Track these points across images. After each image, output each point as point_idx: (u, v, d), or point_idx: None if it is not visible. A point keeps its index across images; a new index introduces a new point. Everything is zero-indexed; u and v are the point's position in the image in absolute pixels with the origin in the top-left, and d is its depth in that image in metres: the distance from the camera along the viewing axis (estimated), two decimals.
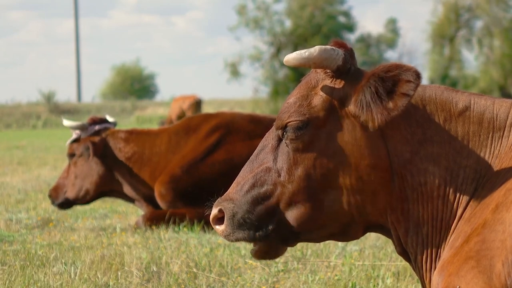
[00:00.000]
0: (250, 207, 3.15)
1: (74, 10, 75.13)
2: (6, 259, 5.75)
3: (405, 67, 3.02)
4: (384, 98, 3.01)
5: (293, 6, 45.61)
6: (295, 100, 3.18)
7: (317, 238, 3.27)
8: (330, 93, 3.14)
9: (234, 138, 7.57)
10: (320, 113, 3.13)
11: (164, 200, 7.49)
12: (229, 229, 3.16)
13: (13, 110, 48.85)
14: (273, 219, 3.15)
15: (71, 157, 7.85)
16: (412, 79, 2.99)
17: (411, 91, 2.99)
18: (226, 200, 3.20)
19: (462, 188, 3.08)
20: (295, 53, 3.10)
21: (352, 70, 3.14)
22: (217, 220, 3.21)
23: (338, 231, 3.21)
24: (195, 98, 24.15)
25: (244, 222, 3.14)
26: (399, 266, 5.20)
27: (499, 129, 3.10)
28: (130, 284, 4.97)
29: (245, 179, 3.20)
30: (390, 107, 3.00)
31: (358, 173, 3.08)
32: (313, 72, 3.23)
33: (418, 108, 3.12)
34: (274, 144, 3.20)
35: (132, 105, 51.99)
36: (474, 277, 2.78)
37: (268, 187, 3.16)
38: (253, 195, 3.16)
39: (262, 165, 3.19)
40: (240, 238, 3.17)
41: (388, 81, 3.02)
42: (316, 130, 3.12)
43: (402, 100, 2.99)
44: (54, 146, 23.92)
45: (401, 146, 3.10)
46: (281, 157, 3.16)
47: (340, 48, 3.14)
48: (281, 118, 3.17)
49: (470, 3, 46.39)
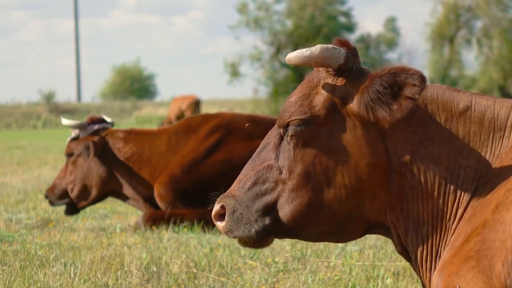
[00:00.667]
0: (251, 203, 3.17)
1: (74, 10, 75.24)
2: (6, 259, 5.75)
3: (411, 71, 3.03)
4: (389, 100, 3.02)
5: (294, 6, 45.61)
6: (296, 99, 3.19)
7: (311, 236, 3.27)
8: (332, 92, 3.14)
9: (234, 138, 7.57)
10: (321, 111, 3.14)
11: (163, 201, 7.49)
12: (230, 225, 3.18)
13: (13, 110, 48.86)
14: (271, 215, 3.16)
15: (69, 156, 7.83)
16: (418, 83, 3.01)
17: (416, 95, 3.00)
18: (228, 196, 3.22)
19: (463, 188, 3.08)
20: (296, 51, 3.11)
21: (354, 69, 3.15)
22: (219, 216, 3.23)
23: (334, 230, 3.21)
24: (193, 98, 24.18)
25: (243, 219, 3.16)
26: (399, 266, 5.20)
27: (500, 129, 3.10)
28: (130, 284, 4.96)
29: (247, 177, 3.22)
30: (394, 109, 3.01)
31: (358, 171, 3.09)
32: (315, 71, 3.24)
33: (419, 108, 3.13)
34: (276, 142, 3.21)
35: (132, 105, 51.99)
36: (474, 277, 2.78)
37: (270, 184, 3.18)
38: (254, 192, 3.18)
39: (264, 163, 3.21)
40: (239, 235, 3.18)
41: (393, 83, 3.03)
42: (317, 129, 3.13)
43: (406, 103, 3.01)
44: (54, 146, 23.92)
45: (402, 145, 3.10)
46: (283, 155, 3.18)
47: (343, 47, 3.15)
48: (283, 116, 3.19)
49: (469, 4, 46.41)
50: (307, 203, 3.13)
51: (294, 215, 3.14)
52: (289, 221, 3.16)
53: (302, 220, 3.16)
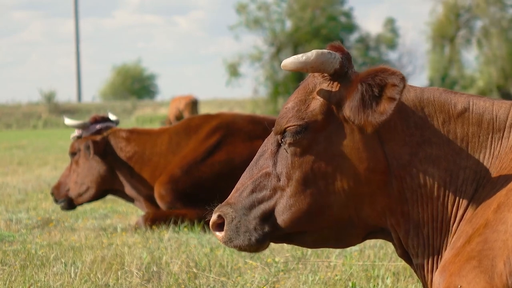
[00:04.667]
0: (249, 212, 3.16)
1: (74, 11, 75.20)
2: (6, 259, 5.75)
3: (390, 71, 3.03)
4: (373, 103, 3.02)
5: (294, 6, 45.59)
6: (293, 105, 3.18)
7: (310, 241, 3.26)
8: (328, 97, 3.14)
9: (235, 139, 7.57)
10: (318, 117, 3.13)
11: (163, 201, 7.49)
12: (229, 234, 3.17)
13: (13, 110, 48.89)
14: (270, 222, 3.15)
15: (73, 155, 7.88)
16: (397, 82, 3.00)
17: (396, 95, 2.99)
18: (225, 206, 3.20)
19: (462, 189, 3.08)
20: (292, 57, 3.11)
21: (349, 73, 3.15)
22: (216, 226, 3.21)
23: (335, 235, 3.21)
24: (191, 98, 24.22)
25: (241, 227, 3.15)
26: (399, 266, 5.20)
27: (498, 130, 3.10)
28: (130, 284, 4.97)
29: (245, 185, 3.21)
30: (378, 111, 3.01)
31: (357, 176, 3.09)
32: (310, 76, 3.23)
33: (416, 110, 3.13)
34: (273, 149, 3.20)
35: (133, 105, 52.00)
36: (475, 277, 2.78)
37: (268, 192, 3.17)
38: (252, 200, 3.17)
39: (261, 171, 3.20)
40: (238, 244, 3.17)
41: (374, 85, 3.03)
42: (314, 134, 3.12)
43: (389, 104, 3.00)
44: (55, 146, 23.93)
45: (399, 148, 3.10)
46: (281, 162, 3.17)
47: (337, 51, 3.15)
48: (280, 123, 3.17)
49: (469, 4, 46.40)
50: (306, 209, 3.12)
51: (293, 221, 3.13)
52: (288, 227, 3.15)
53: (301, 226, 3.15)
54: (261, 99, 45.83)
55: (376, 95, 3.02)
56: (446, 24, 46.50)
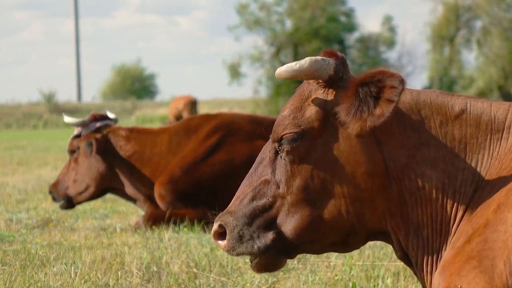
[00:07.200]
0: (250, 220, 3.16)
1: (74, 11, 75.18)
2: (6, 259, 5.76)
3: (388, 73, 3.03)
4: (370, 106, 3.02)
5: (294, 6, 45.59)
6: (289, 112, 3.17)
7: (318, 249, 3.27)
8: (323, 103, 3.13)
9: (234, 139, 7.57)
10: (314, 123, 3.13)
11: (163, 201, 7.49)
12: (231, 243, 3.17)
13: (13, 110, 48.89)
14: (273, 231, 3.15)
15: (72, 153, 7.86)
16: (396, 85, 3.00)
17: (395, 97, 2.99)
18: (226, 214, 3.20)
19: (461, 191, 3.08)
20: (285, 65, 3.10)
21: (344, 78, 3.14)
22: (218, 235, 3.21)
23: (339, 241, 3.21)
24: (189, 98, 24.21)
25: (244, 235, 3.15)
26: (399, 266, 5.20)
27: (497, 131, 3.10)
28: (130, 284, 4.97)
29: (245, 193, 3.20)
30: (376, 113, 3.01)
31: (356, 181, 3.08)
32: (305, 83, 3.22)
33: (413, 113, 3.12)
34: (271, 157, 3.20)
35: (132, 105, 52.01)
36: (475, 277, 2.78)
37: (268, 200, 3.16)
38: (253, 208, 3.17)
39: (260, 178, 3.20)
40: (241, 252, 3.16)
41: (373, 88, 3.03)
42: (311, 141, 3.12)
43: (387, 106, 3.00)
44: (55, 146, 23.93)
45: (397, 151, 3.10)
46: (279, 169, 3.16)
47: (331, 57, 3.14)
48: (276, 131, 3.17)
49: (469, 3, 46.41)
50: (308, 216, 3.12)
51: (297, 229, 3.13)
52: (293, 236, 3.14)
53: (306, 234, 3.14)
54: (261, 99, 45.85)
55: (374, 97, 3.02)
56: (446, 24, 46.51)
